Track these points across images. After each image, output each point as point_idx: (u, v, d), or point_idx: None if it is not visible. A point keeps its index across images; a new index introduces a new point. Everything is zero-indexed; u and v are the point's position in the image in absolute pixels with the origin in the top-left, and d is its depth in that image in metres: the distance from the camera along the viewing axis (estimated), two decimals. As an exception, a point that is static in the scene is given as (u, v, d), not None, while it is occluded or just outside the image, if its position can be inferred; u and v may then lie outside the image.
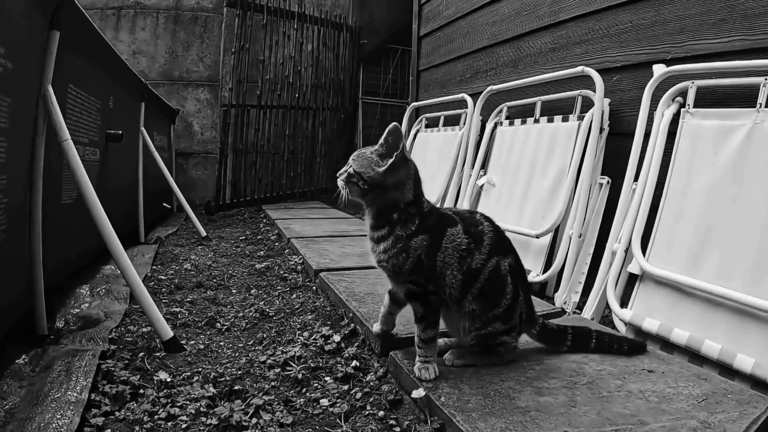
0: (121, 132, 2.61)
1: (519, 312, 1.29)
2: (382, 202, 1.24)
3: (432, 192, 3.23)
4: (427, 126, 3.98)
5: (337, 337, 1.63)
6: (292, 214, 4.51)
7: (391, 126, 1.20)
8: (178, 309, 1.99)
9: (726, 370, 1.39)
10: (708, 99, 1.83)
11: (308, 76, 5.58)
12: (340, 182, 1.27)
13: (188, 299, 2.13)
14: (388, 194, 1.23)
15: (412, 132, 4.03)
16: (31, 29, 1.49)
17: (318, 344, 1.60)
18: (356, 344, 1.59)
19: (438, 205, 3.05)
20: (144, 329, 1.70)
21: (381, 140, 1.23)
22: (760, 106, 1.60)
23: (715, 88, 1.81)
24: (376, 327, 1.49)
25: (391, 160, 1.21)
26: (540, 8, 2.83)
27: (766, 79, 1.59)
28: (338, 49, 5.83)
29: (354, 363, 1.45)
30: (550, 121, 2.56)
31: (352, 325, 1.71)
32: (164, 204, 4.67)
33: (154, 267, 2.69)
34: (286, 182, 5.53)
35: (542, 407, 1.08)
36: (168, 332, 1.56)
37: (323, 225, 3.89)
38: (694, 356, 1.48)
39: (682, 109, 1.85)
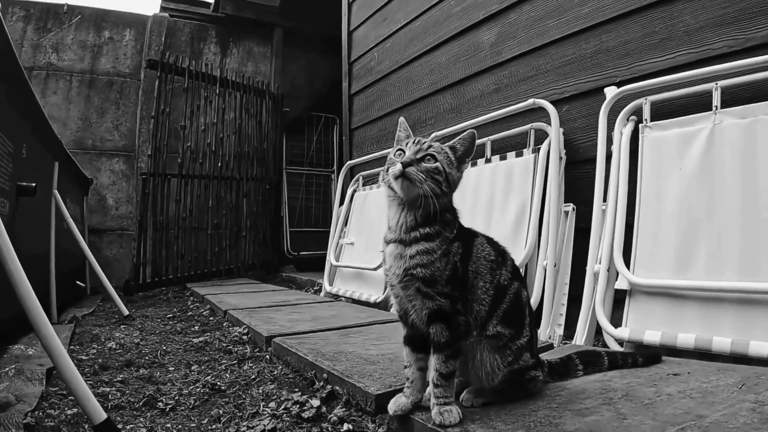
0: (34, 185, 2.38)
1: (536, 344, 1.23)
2: (438, 205, 1.13)
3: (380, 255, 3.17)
4: (364, 184, 3.99)
5: (315, 402, 1.45)
6: (222, 289, 4.27)
7: (469, 132, 1.18)
8: (107, 389, 1.72)
9: (741, 360, 1.40)
10: (664, 112, 1.98)
11: (231, 144, 5.53)
12: (417, 175, 1.12)
13: (117, 379, 1.87)
14: (447, 198, 1.17)
15: (349, 192, 4.03)
16: None
17: (292, 412, 1.42)
18: (340, 406, 1.42)
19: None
20: (68, 412, 1.46)
21: (455, 143, 1.19)
22: (716, 108, 1.76)
23: (669, 101, 1.96)
24: (403, 401, 1.20)
25: (465, 167, 1.19)
26: (480, 51, 3.00)
27: (716, 84, 1.77)
28: (261, 116, 5.87)
29: (346, 426, 1.29)
30: (503, 158, 2.64)
31: (329, 386, 1.54)
32: (78, 282, 4.26)
33: (71, 347, 2.39)
34: (211, 258, 5.29)
35: (594, 426, 1.00)
36: (100, 413, 1.30)
37: (260, 297, 3.70)
38: (703, 356, 1.49)
39: (640, 125, 1.99)
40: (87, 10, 5.82)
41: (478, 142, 2.68)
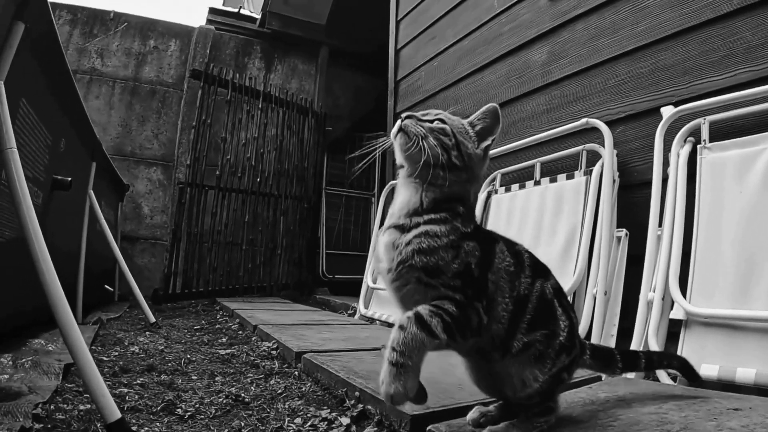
0: (70, 179, 2.48)
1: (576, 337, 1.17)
2: (451, 190, 1.04)
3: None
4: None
5: (344, 420, 1.46)
6: (253, 306, 4.34)
7: (490, 106, 1.08)
8: (125, 390, 1.76)
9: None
10: (723, 132, 1.96)
11: (271, 160, 5.68)
12: (415, 128, 1.03)
13: (137, 382, 1.90)
14: (463, 184, 1.06)
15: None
16: None
17: (320, 430, 1.42)
18: (371, 426, 1.42)
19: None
20: (81, 407, 1.49)
21: (474, 119, 1.10)
22: (782, 128, 1.72)
23: (729, 120, 1.95)
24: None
25: (485, 144, 1.08)
26: (530, 71, 3.03)
27: (783, 103, 1.73)
28: (303, 134, 6.02)
29: (378, 447, 1.28)
30: (553, 180, 2.64)
31: (361, 405, 1.54)
32: (106, 286, 4.41)
33: (93, 347, 2.46)
34: (244, 275, 5.39)
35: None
36: (114, 412, 1.32)
37: (292, 315, 3.75)
38: (762, 392, 1.43)
39: (698, 146, 1.97)
40: (134, 19, 6.16)
41: (527, 164, 2.75)
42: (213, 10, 6.70)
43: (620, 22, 2.56)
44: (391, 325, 3.38)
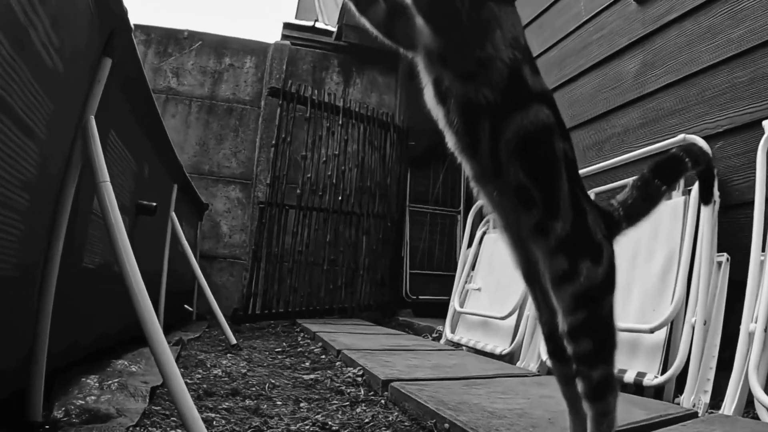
0: (155, 204, 2.68)
1: None
2: None
3: (511, 294, 3.29)
4: (495, 227, 4.12)
5: None
6: (335, 328, 4.55)
7: None
8: (211, 415, 1.92)
9: None
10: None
11: (352, 178, 5.93)
12: None
13: (222, 407, 2.06)
14: None
15: (478, 234, 4.17)
16: (85, 46, 1.59)
17: None
18: None
19: (516, 312, 3.13)
20: None
21: None
22: None
23: None
24: None
25: None
26: (623, 82, 3.08)
27: None
28: (384, 149, 6.23)
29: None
30: (649, 201, 2.66)
31: None
32: (186, 306, 4.76)
33: (175, 370, 2.71)
34: (325, 296, 5.65)
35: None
36: None
37: (376, 339, 3.92)
38: None
39: (806, 165, 1.96)
40: (208, 37, 6.60)
41: (622, 182, 2.81)
42: (287, 25, 7.09)
43: (717, 26, 2.56)
44: (478, 351, 3.49)
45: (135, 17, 1.68)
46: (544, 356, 2.66)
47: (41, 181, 1.41)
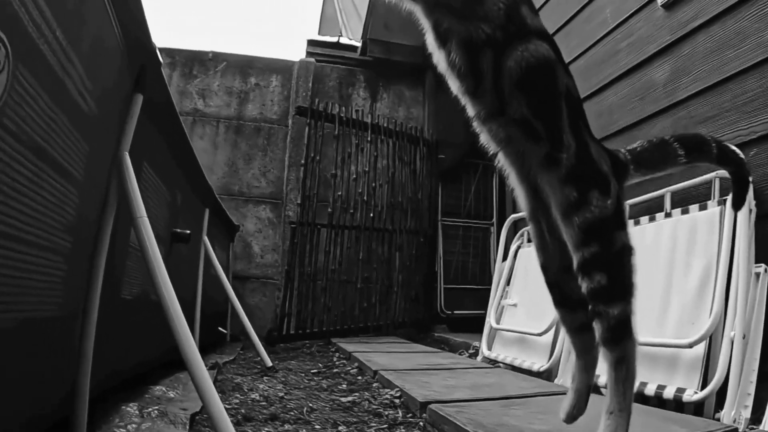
0: (188, 232, 2.76)
1: None
2: None
3: (547, 310, 3.29)
4: (529, 240, 4.14)
5: None
6: (370, 347, 4.62)
7: None
8: None
9: None
10: None
11: (384, 194, 6.02)
12: None
13: None
14: None
15: (513, 248, 4.19)
16: (117, 85, 1.65)
17: None
18: None
19: (553, 328, 3.14)
20: None
21: None
22: None
23: None
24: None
25: None
26: (653, 91, 3.09)
27: None
28: (414, 164, 6.31)
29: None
30: (685, 212, 2.67)
31: None
32: (220, 328, 4.86)
33: (213, 394, 2.78)
34: (359, 314, 5.72)
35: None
36: None
37: (412, 358, 3.96)
38: None
39: None
40: (232, 57, 6.76)
41: (656, 193, 2.80)
42: (312, 42, 7.23)
43: (746, 29, 2.56)
44: (515, 368, 3.50)
45: (159, 41, 1.75)
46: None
47: (81, 221, 1.49)
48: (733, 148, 2.35)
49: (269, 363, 3.67)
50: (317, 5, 7.95)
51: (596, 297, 1.25)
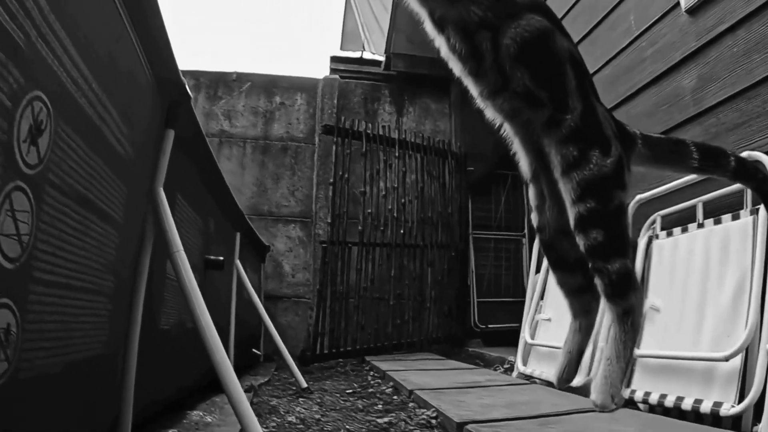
0: (222, 259, 2.85)
1: None
2: None
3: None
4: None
5: None
6: (404, 365, 4.65)
7: None
8: None
9: None
10: None
11: (413, 209, 6.08)
12: None
13: None
14: None
15: (545, 262, 4.18)
16: (149, 123, 1.72)
17: None
18: None
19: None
20: None
21: None
22: None
23: None
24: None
25: None
26: (681, 99, 3.09)
27: None
28: (443, 177, 6.36)
29: None
30: (717, 222, 2.67)
31: None
32: (254, 350, 4.94)
33: (251, 418, 2.83)
34: (392, 331, 5.76)
35: None
36: None
37: (447, 376, 3.98)
38: None
39: None
40: (256, 77, 6.88)
41: (688, 204, 2.80)
42: (335, 59, 7.31)
43: (771, 31, 2.56)
44: (551, 384, 3.50)
45: (182, 63, 1.82)
46: (618, 388, 2.69)
47: (121, 260, 1.58)
48: (759, 156, 2.37)
49: (304, 384, 3.72)
50: (338, 21, 8.14)
51: (594, 254, 1.29)
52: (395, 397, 3.50)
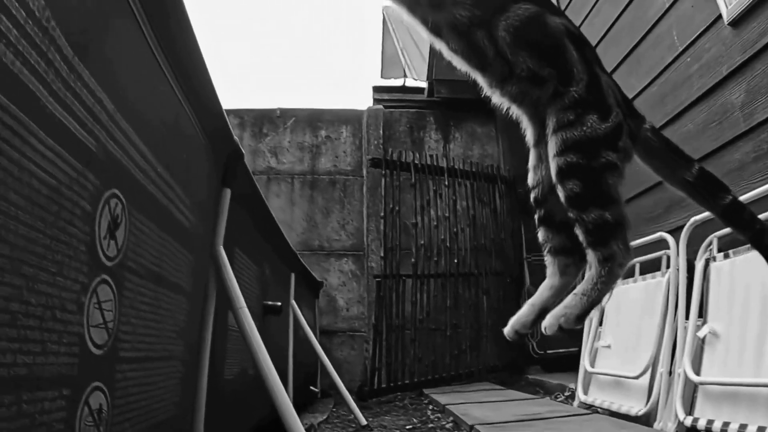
0: (280, 304, 2.96)
1: None
2: None
3: (642, 351, 3.30)
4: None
5: None
6: (463, 397, 4.66)
7: None
8: None
9: None
10: None
11: (466, 237, 6.12)
12: None
13: None
14: None
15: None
16: (208, 188, 1.78)
17: None
18: None
19: (650, 370, 3.11)
20: None
21: None
22: None
23: None
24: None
25: None
26: (731, 114, 3.07)
27: None
28: (494, 203, 6.40)
29: None
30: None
31: None
32: (312, 387, 5.02)
33: (314, 460, 2.90)
34: (450, 362, 5.77)
35: None
36: None
37: (507, 408, 3.98)
38: None
39: None
40: (300, 112, 7.07)
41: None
42: (377, 89, 7.49)
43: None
44: (612, 414, 3.47)
45: (226, 103, 1.86)
46: (681, 415, 2.67)
47: (190, 323, 1.68)
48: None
49: (364, 421, 3.77)
50: (377, 48, 8.28)
51: (572, 203, 1.35)
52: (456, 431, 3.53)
